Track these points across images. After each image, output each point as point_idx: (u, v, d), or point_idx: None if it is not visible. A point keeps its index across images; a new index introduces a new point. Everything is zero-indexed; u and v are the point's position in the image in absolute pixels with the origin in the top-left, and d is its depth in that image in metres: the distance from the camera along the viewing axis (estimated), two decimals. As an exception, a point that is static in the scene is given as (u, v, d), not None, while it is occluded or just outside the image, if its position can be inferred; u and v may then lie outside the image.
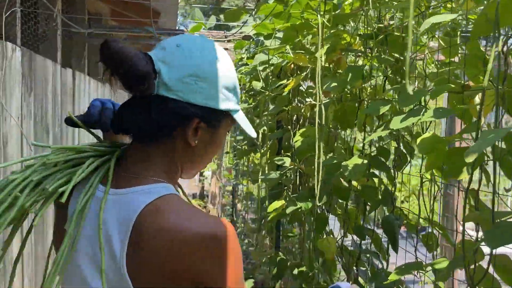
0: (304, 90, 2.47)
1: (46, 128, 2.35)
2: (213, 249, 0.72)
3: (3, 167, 0.92)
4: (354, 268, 1.73)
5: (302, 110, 2.38)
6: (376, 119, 1.80)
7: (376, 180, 1.62)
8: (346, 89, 1.77)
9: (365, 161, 1.46)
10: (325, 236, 1.85)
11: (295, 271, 2.02)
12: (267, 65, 2.71)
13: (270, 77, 2.53)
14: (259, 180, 1.93)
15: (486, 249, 0.88)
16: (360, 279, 1.66)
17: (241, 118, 0.89)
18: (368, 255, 1.64)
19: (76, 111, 3.06)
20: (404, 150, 1.57)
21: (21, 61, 1.93)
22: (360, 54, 1.70)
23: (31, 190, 0.78)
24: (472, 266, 0.91)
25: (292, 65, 2.54)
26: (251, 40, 2.73)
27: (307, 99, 2.40)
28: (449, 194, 3.45)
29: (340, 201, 1.90)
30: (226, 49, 3.47)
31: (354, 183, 1.75)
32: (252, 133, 0.92)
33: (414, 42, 1.78)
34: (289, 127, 2.33)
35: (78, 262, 0.78)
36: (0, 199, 0.76)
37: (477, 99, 1.18)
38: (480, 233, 0.89)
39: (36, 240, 2.28)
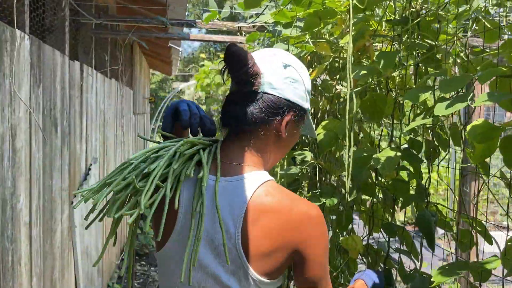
0: (319, 84, 2.38)
1: (55, 122, 2.28)
2: (316, 225, 0.90)
3: (134, 158, 0.96)
4: (381, 268, 1.65)
5: (321, 103, 2.30)
6: (406, 109, 1.72)
7: (405, 173, 1.54)
8: (373, 79, 1.69)
9: (398, 154, 1.37)
10: (348, 234, 1.77)
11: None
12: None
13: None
14: (278, 175, 1.85)
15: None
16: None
17: (310, 118, 1.09)
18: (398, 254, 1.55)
19: (84, 106, 2.98)
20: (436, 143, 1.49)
21: (30, 49, 1.85)
22: (390, 40, 1.61)
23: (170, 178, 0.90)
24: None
25: (309, 57, 2.46)
26: (265, 31, 2.65)
27: (325, 93, 2.32)
28: (465, 182, 3.35)
29: (364, 196, 1.83)
30: (240, 43, 3.39)
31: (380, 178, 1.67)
32: (314, 134, 1.16)
33: (449, 28, 1.70)
34: (307, 120, 2.24)
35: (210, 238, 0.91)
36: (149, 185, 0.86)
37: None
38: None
39: (45, 237, 2.20)
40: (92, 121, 3.27)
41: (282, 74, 0.97)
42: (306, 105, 1.02)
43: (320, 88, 2.35)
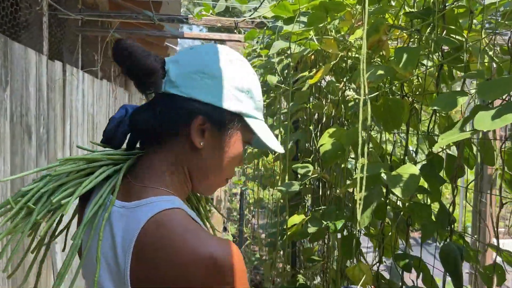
0: (323, 86, 2.16)
1: (28, 129, 2.05)
2: (212, 271, 0.70)
3: (4, 181, 0.85)
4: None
5: (326, 108, 2.07)
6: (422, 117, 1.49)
7: (421, 195, 1.31)
8: (388, 81, 1.46)
9: (417, 172, 1.14)
10: (355, 261, 1.55)
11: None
12: (283, 57, 2.41)
13: (287, 70, 2.23)
14: (277, 190, 1.63)
15: None
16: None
17: (259, 127, 0.85)
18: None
19: (67, 109, 2.77)
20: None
21: (-9, 47, 1.63)
22: (408, 34, 1.38)
23: (45, 201, 0.79)
24: None
25: (313, 56, 2.24)
26: (264, 28, 2.42)
27: (330, 96, 2.09)
28: (481, 201, 3.11)
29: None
30: (238, 41, 3.17)
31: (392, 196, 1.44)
32: (276, 146, 0.87)
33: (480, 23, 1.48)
34: (310, 127, 2.01)
35: (94, 270, 0.78)
36: (15, 211, 0.77)
37: None
38: None
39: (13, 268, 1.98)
40: (78, 126, 3.05)
41: (190, 68, 0.80)
42: (234, 106, 0.82)
43: (325, 90, 2.13)
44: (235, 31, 2.61)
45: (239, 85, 0.82)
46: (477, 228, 2.74)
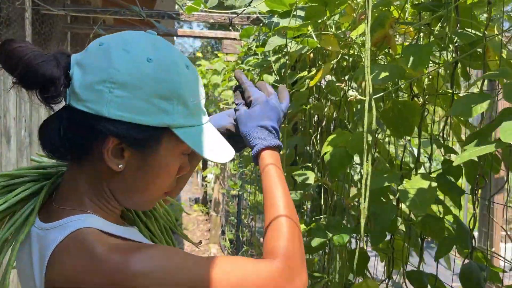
0: (323, 86, 2.03)
1: (7, 133, 1.92)
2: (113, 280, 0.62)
3: None
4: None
5: (326, 110, 1.95)
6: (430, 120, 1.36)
7: (436, 208, 1.18)
8: (395, 82, 1.34)
9: (433, 184, 1.02)
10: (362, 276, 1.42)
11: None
12: (280, 55, 2.28)
13: (284, 69, 2.10)
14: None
15: None
16: None
17: (194, 136, 0.72)
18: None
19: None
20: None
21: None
22: (416, 29, 1.26)
23: None
24: None
25: (312, 54, 2.11)
26: (261, 24, 2.29)
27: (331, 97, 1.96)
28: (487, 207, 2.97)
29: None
30: (233, 39, 3.04)
31: (403, 206, 1.32)
32: (215, 156, 0.74)
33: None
34: (310, 130, 1.89)
35: None
36: None
37: None
38: None
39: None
40: (66, 128, 2.92)
41: (96, 76, 0.67)
42: (164, 119, 0.69)
43: (325, 91, 2.00)
44: (230, 28, 2.48)
45: (162, 92, 0.68)
46: (486, 234, 2.62)
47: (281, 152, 0.85)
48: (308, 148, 1.99)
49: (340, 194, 1.61)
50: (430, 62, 1.28)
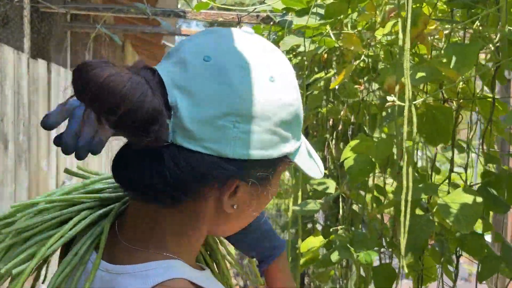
0: (337, 88, 1.93)
1: (4, 138, 1.82)
2: None
3: None
4: None
5: (342, 113, 1.85)
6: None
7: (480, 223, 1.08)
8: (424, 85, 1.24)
9: (479, 199, 0.92)
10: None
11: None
12: (291, 55, 2.19)
13: (299, 70, 2.00)
14: (290, 210, 1.41)
15: None
16: None
17: (302, 157, 0.62)
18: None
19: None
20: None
21: (-47, 44, 1.40)
22: (454, 27, 1.16)
23: None
24: None
25: (326, 55, 2.01)
26: (271, 23, 2.20)
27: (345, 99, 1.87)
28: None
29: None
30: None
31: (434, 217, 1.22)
32: (316, 173, 0.64)
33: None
34: (326, 135, 1.79)
35: None
36: None
37: None
38: None
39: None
40: (66, 131, 2.82)
41: (216, 108, 0.51)
42: (285, 148, 0.57)
43: (337, 93, 1.90)
44: (238, 27, 2.38)
45: (286, 117, 0.56)
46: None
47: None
48: (321, 154, 1.89)
49: (362, 204, 1.52)
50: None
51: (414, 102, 0.87)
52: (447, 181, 1.14)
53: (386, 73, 1.23)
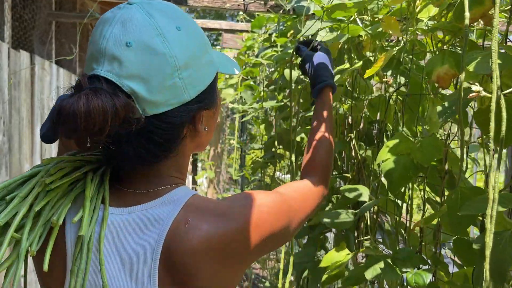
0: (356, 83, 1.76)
1: (-19, 137, 1.61)
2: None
3: None
4: None
5: (364, 110, 1.68)
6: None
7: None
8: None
9: None
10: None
11: None
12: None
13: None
14: (321, 222, 1.22)
15: None
16: None
17: (223, 64, 0.78)
18: None
19: (37, 111, 2.31)
20: None
21: None
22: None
23: (33, 224, 0.66)
24: None
25: (340, 45, 1.84)
26: (280, 11, 2.01)
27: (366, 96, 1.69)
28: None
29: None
30: (242, 31, 2.75)
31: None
32: (233, 69, 0.80)
33: None
34: (351, 135, 1.61)
35: None
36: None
37: None
38: None
39: None
40: (51, 130, 2.60)
41: (161, 74, 0.66)
42: (213, 71, 0.74)
43: (351, 89, 1.72)
44: (243, 14, 2.20)
45: (204, 48, 0.72)
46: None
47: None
48: (343, 155, 1.72)
49: (394, 213, 1.34)
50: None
51: (504, 92, 0.69)
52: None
53: (436, 62, 1.06)
